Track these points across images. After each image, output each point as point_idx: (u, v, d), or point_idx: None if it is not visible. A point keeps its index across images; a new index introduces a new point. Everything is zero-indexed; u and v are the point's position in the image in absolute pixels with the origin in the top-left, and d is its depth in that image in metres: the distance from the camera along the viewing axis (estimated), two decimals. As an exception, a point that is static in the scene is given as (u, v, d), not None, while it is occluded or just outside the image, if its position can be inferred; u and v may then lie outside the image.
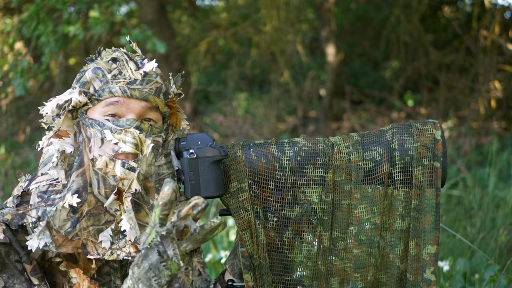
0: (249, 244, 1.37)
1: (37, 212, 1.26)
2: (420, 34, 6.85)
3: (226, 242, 3.20)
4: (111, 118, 1.30)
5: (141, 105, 1.31)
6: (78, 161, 1.28)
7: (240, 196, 1.37)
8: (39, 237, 1.24)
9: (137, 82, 1.30)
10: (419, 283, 1.36)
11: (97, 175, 1.27)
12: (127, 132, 1.29)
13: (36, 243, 1.24)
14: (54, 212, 1.24)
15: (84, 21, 4.22)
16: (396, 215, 1.36)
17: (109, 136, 1.28)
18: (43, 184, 1.29)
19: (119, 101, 1.29)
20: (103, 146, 1.28)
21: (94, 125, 1.29)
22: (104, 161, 1.27)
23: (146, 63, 1.34)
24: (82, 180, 1.27)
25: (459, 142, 5.67)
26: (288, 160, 1.37)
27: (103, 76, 1.30)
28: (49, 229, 1.25)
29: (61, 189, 1.28)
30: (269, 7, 7.01)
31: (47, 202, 1.26)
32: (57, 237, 1.25)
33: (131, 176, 1.27)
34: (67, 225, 1.25)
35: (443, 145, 1.36)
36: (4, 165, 4.43)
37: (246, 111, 7.81)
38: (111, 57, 1.33)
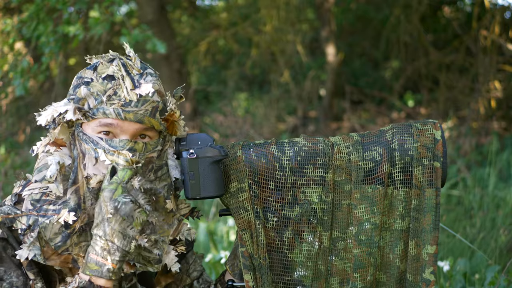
0: (249, 244, 1.37)
1: (28, 219, 1.26)
2: (420, 34, 6.85)
3: (226, 242, 3.20)
4: (104, 137, 1.29)
5: (135, 127, 1.29)
6: (73, 178, 1.28)
7: (240, 196, 1.37)
8: (29, 248, 1.25)
9: (132, 104, 1.27)
10: (419, 283, 1.36)
11: (91, 192, 1.27)
12: (120, 154, 1.28)
13: (25, 254, 1.24)
14: (46, 224, 1.24)
15: (84, 21, 4.22)
16: (396, 215, 1.37)
17: (102, 157, 1.27)
18: (36, 192, 1.28)
19: (113, 123, 1.27)
20: (97, 164, 1.28)
21: (88, 142, 1.29)
22: (99, 180, 1.27)
23: (143, 83, 1.29)
24: (77, 197, 1.27)
25: (459, 142, 5.67)
26: (288, 160, 1.37)
27: (98, 95, 1.28)
28: (39, 239, 1.25)
29: (54, 199, 1.27)
30: (269, 7, 7.01)
31: (40, 211, 1.26)
32: (47, 249, 1.26)
33: None
34: (58, 238, 1.25)
35: (443, 145, 1.36)
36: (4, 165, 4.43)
37: (246, 111, 7.81)
38: (106, 73, 1.28)
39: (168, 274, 1.49)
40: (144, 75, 1.30)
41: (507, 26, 6.25)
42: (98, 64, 1.32)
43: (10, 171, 4.41)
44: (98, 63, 1.32)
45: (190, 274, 1.51)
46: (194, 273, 1.52)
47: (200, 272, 1.53)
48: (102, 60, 1.32)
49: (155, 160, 1.34)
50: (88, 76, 1.30)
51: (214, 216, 3.65)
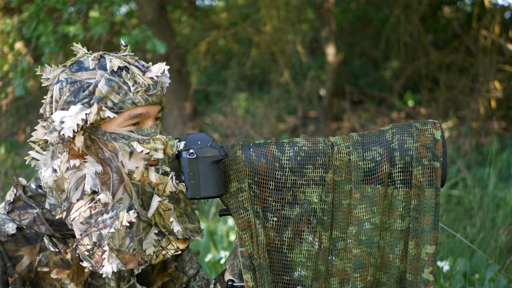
0: (248, 244, 1.37)
1: (91, 238, 1.25)
2: (420, 34, 6.85)
3: (226, 242, 3.20)
4: (133, 128, 1.29)
5: (157, 109, 1.32)
6: (118, 178, 1.26)
7: (240, 196, 1.37)
8: (109, 262, 1.25)
9: (151, 88, 1.30)
10: (418, 283, 1.36)
11: (136, 186, 1.28)
12: (156, 139, 1.30)
13: (109, 269, 1.25)
14: (112, 233, 1.24)
15: (84, 21, 4.23)
16: (396, 215, 1.37)
17: (139, 148, 1.27)
18: (84, 210, 1.26)
19: (143, 112, 1.28)
20: (132, 158, 1.28)
21: (118, 139, 1.27)
22: (141, 171, 1.28)
23: (149, 66, 1.33)
24: (127, 195, 1.26)
25: (459, 142, 5.67)
26: (288, 160, 1.37)
27: (120, 88, 1.26)
28: (112, 250, 1.25)
29: (102, 209, 1.25)
30: (269, 7, 7.01)
31: (98, 225, 1.25)
32: (122, 255, 1.26)
33: (165, 180, 1.30)
34: (127, 241, 1.26)
35: (443, 145, 1.36)
36: (4, 165, 4.43)
37: (246, 111, 7.81)
38: (118, 66, 1.28)
39: (165, 273, 1.49)
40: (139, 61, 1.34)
41: (507, 26, 6.25)
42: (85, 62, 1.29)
43: (10, 171, 4.41)
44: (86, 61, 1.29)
45: (186, 272, 1.51)
46: (191, 270, 1.52)
47: (197, 269, 1.53)
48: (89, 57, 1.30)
49: None
50: (91, 76, 1.27)
51: (214, 216, 3.65)
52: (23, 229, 1.28)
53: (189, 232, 1.37)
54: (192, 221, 1.40)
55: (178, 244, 1.34)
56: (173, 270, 1.49)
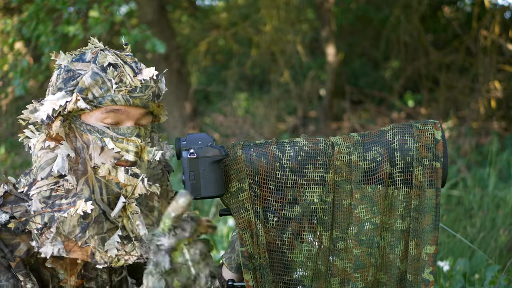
0: (249, 244, 1.37)
1: (43, 218, 1.26)
2: (420, 34, 6.85)
3: (226, 242, 3.20)
4: (110, 125, 1.29)
5: (139, 112, 1.31)
6: (82, 169, 1.28)
7: (240, 196, 1.37)
8: (52, 243, 1.25)
9: (137, 90, 1.29)
10: (419, 283, 1.36)
11: (100, 182, 1.28)
12: (129, 141, 1.29)
13: (50, 250, 1.25)
14: (64, 218, 1.24)
15: (84, 21, 4.22)
16: (397, 215, 1.36)
17: (111, 145, 1.27)
18: (45, 189, 1.28)
19: (120, 109, 1.28)
20: (102, 153, 1.28)
21: (92, 132, 1.29)
22: (107, 168, 1.28)
23: (143, 69, 1.32)
24: (88, 187, 1.27)
25: (459, 142, 5.67)
26: (289, 160, 1.37)
27: (103, 83, 1.28)
28: (59, 234, 1.25)
29: (64, 193, 1.27)
30: (269, 7, 7.01)
31: (54, 207, 1.26)
32: (67, 242, 1.26)
33: (134, 182, 1.29)
34: (77, 230, 1.26)
35: (444, 145, 1.36)
36: (4, 165, 4.43)
37: (246, 111, 7.81)
38: (108, 62, 1.30)
39: None
40: (138, 63, 1.34)
41: (507, 26, 6.25)
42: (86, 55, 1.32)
43: (10, 171, 4.41)
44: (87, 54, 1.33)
45: None
46: None
47: None
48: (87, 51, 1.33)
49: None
50: (84, 68, 1.30)
51: (214, 216, 3.65)
52: (16, 218, 1.29)
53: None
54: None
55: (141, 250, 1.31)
56: None
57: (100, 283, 1.35)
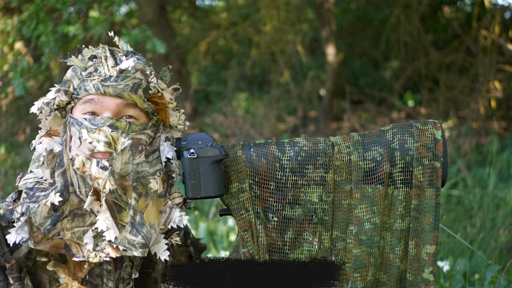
0: (250, 244, 1.37)
1: (22, 208, 1.27)
2: (420, 34, 6.85)
3: (226, 242, 3.20)
4: (88, 117, 1.29)
5: (115, 102, 1.29)
6: (59, 161, 1.29)
7: (241, 196, 1.37)
8: (17, 231, 1.24)
9: (111, 79, 1.28)
10: (419, 283, 1.36)
11: (76, 174, 1.27)
12: (100, 130, 1.27)
13: (13, 237, 1.23)
14: (36, 208, 1.24)
15: (84, 21, 4.22)
16: (396, 215, 1.37)
17: (85, 135, 1.27)
18: (30, 181, 1.30)
19: (94, 99, 1.28)
20: (81, 145, 1.27)
21: (74, 124, 1.29)
22: (81, 160, 1.27)
23: (124, 60, 1.31)
24: (63, 179, 1.27)
25: (459, 142, 5.67)
26: (289, 160, 1.37)
27: (81, 74, 1.30)
28: (30, 225, 1.24)
29: (47, 186, 1.29)
30: (269, 7, 7.01)
31: (32, 198, 1.27)
32: (37, 233, 1.25)
33: (104, 175, 1.26)
34: (47, 222, 1.25)
35: (444, 145, 1.36)
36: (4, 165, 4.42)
37: (246, 111, 7.80)
38: (90, 55, 1.31)
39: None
40: (129, 56, 1.32)
41: (507, 26, 6.25)
42: (81, 49, 1.35)
43: (10, 171, 4.41)
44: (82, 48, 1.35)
45: None
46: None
47: None
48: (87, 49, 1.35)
49: (146, 144, 1.32)
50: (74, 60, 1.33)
51: (214, 216, 3.65)
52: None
53: (126, 243, 1.27)
54: (136, 234, 1.28)
55: (110, 249, 1.27)
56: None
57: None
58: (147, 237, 1.28)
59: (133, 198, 1.29)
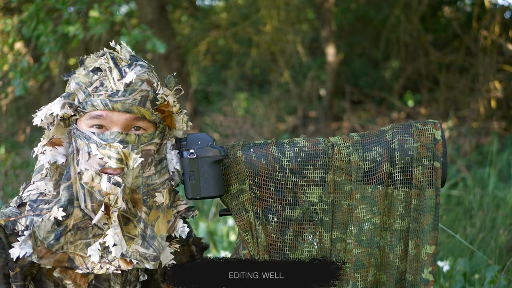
0: (250, 245, 1.37)
1: (26, 220, 1.26)
2: (420, 34, 6.85)
3: (226, 242, 3.20)
4: (96, 131, 1.27)
5: (124, 117, 1.27)
6: (65, 174, 1.27)
7: (241, 197, 1.37)
8: (21, 246, 1.23)
9: (119, 94, 1.25)
10: (418, 283, 1.36)
11: (84, 189, 1.26)
12: (111, 147, 1.25)
13: (17, 252, 1.23)
14: (40, 222, 1.24)
15: (84, 21, 4.22)
16: (396, 215, 1.36)
17: (95, 151, 1.25)
18: (34, 193, 1.28)
19: (102, 115, 1.26)
20: (90, 159, 1.26)
21: (81, 138, 1.27)
22: (90, 175, 1.25)
23: (129, 72, 1.27)
24: (68, 193, 1.25)
25: (459, 142, 5.67)
26: (288, 161, 1.37)
27: (86, 88, 1.27)
28: (34, 239, 1.24)
29: (50, 199, 1.27)
30: (269, 7, 7.00)
31: (35, 211, 1.26)
32: (41, 248, 1.24)
33: (117, 191, 1.25)
34: (51, 237, 1.24)
35: (443, 145, 1.36)
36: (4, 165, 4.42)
37: (246, 111, 7.80)
38: (94, 66, 1.28)
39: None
40: (133, 66, 1.29)
41: (507, 26, 6.24)
42: (84, 60, 1.32)
43: (10, 171, 4.41)
44: (86, 57, 1.32)
45: None
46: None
47: None
48: (94, 55, 1.32)
49: (154, 153, 1.31)
50: (77, 72, 1.30)
51: (214, 216, 3.65)
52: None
53: (138, 256, 1.28)
54: (147, 247, 1.30)
55: (121, 262, 1.28)
56: None
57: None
58: (159, 249, 1.30)
59: (143, 211, 1.30)
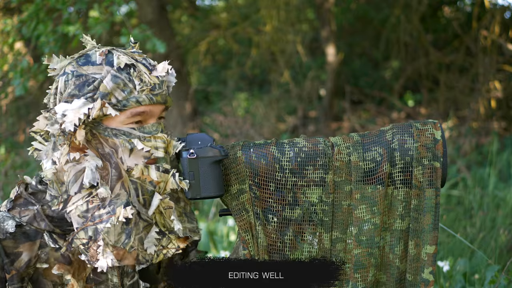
0: (251, 245, 1.37)
1: (86, 232, 1.25)
2: (420, 34, 6.85)
3: (226, 242, 3.20)
4: (136, 126, 1.28)
5: (160, 108, 1.32)
6: (116, 174, 1.26)
7: (241, 197, 1.37)
8: (104, 256, 1.25)
9: (157, 87, 1.30)
10: (418, 283, 1.36)
11: (135, 184, 1.28)
12: (157, 138, 1.30)
13: (104, 263, 1.25)
14: (108, 228, 1.24)
15: (84, 21, 4.22)
16: (396, 215, 1.36)
17: (140, 145, 1.27)
18: (81, 203, 1.26)
19: (146, 110, 1.28)
20: (132, 155, 1.27)
21: (119, 135, 1.27)
22: (141, 169, 1.28)
23: (156, 65, 1.33)
24: (125, 191, 1.26)
25: (459, 142, 5.67)
26: (288, 161, 1.37)
27: (125, 86, 1.26)
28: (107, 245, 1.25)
29: (99, 203, 1.25)
30: (269, 7, 7.00)
31: (94, 220, 1.25)
32: (117, 251, 1.27)
33: (166, 178, 1.30)
34: (123, 237, 1.26)
35: (443, 145, 1.36)
36: (4, 165, 4.42)
37: (246, 111, 7.80)
38: (125, 63, 1.28)
39: None
40: (147, 59, 1.34)
41: (507, 26, 6.24)
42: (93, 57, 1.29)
43: (10, 171, 4.41)
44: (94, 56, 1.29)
45: None
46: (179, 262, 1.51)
47: None
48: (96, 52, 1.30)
49: None
50: (97, 71, 1.26)
51: (214, 216, 3.65)
52: (23, 226, 1.28)
53: (188, 232, 1.40)
54: (191, 221, 1.43)
55: (179, 243, 1.35)
56: None
57: (111, 287, 1.34)
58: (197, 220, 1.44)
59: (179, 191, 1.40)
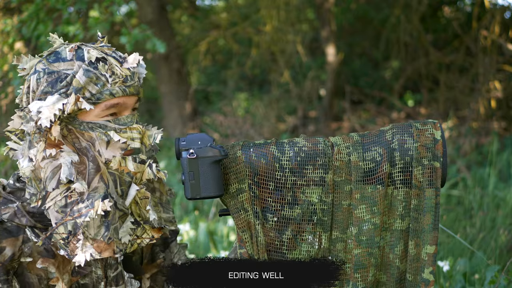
0: (248, 245, 1.37)
1: (66, 227, 1.26)
2: (420, 34, 6.85)
3: (226, 242, 3.20)
4: (111, 118, 1.30)
5: (134, 99, 1.34)
6: (94, 167, 1.27)
7: (240, 197, 1.37)
8: (83, 250, 1.25)
9: (129, 79, 1.31)
10: (418, 283, 1.36)
11: (113, 176, 1.29)
12: (132, 129, 1.31)
13: (83, 258, 1.25)
14: (87, 222, 1.25)
15: (84, 21, 4.22)
16: (396, 215, 1.36)
17: (116, 137, 1.28)
18: (59, 199, 1.26)
19: (119, 102, 1.30)
20: (109, 147, 1.29)
21: (95, 129, 1.28)
22: (118, 160, 1.29)
23: (126, 57, 1.34)
24: (103, 184, 1.27)
25: (459, 142, 5.67)
26: (288, 160, 1.37)
27: (98, 79, 1.27)
28: (87, 239, 1.26)
29: (77, 198, 1.26)
30: (269, 7, 7.00)
31: (74, 214, 1.25)
32: (97, 244, 1.27)
33: (142, 168, 1.32)
34: (102, 230, 1.26)
35: (443, 145, 1.36)
36: (4, 165, 4.42)
37: (246, 111, 7.80)
38: (96, 57, 1.28)
39: (154, 264, 1.51)
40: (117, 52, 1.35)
41: (507, 26, 6.24)
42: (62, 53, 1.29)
43: (10, 171, 4.41)
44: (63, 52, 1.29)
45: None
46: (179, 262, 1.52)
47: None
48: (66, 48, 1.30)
49: None
50: (68, 67, 1.27)
51: (214, 216, 3.65)
52: (4, 222, 1.29)
53: (163, 222, 1.43)
54: (167, 211, 1.46)
55: (153, 233, 1.36)
56: (162, 261, 1.51)
57: (95, 279, 1.35)
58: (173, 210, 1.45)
59: (155, 181, 1.44)
